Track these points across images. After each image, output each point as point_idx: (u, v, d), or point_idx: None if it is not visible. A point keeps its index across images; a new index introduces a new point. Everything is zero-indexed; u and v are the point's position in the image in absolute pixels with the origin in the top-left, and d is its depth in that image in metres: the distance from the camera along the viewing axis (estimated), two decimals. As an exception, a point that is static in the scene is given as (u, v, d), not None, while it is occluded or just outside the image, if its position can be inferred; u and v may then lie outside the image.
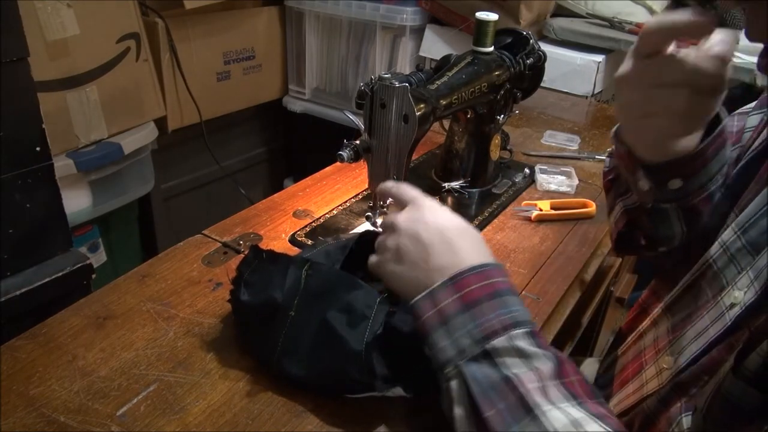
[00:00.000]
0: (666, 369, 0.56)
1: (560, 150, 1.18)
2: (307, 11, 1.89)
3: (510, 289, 0.52)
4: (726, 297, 0.52)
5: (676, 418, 0.50)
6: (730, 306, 0.51)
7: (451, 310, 0.50)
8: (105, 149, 1.42)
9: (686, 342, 0.55)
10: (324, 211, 0.91)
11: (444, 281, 0.51)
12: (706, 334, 0.52)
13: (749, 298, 0.49)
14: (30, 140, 0.94)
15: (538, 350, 0.48)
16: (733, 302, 0.51)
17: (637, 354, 0.63)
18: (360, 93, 0.75)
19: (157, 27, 1.53)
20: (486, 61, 0.90)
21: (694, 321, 0.55)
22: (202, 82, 1.71)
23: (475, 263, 0.52)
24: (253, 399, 0.58)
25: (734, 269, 0.53)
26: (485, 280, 0.51)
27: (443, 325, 0.50)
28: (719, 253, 0.55)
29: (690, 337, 0.54)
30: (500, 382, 0.47)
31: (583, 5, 1.70)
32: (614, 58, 1.61)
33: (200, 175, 1.90)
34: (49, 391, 0.57)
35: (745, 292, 0.50)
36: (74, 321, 0.66)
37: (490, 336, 0.48)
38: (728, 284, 0.53)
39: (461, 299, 0.50)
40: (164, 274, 0.75)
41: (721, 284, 0.53)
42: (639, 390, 0.58)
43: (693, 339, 0.54)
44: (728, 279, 0.53)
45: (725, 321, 0.50)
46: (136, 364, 0.61)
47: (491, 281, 0.51)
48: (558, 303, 0.75)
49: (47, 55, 1.27)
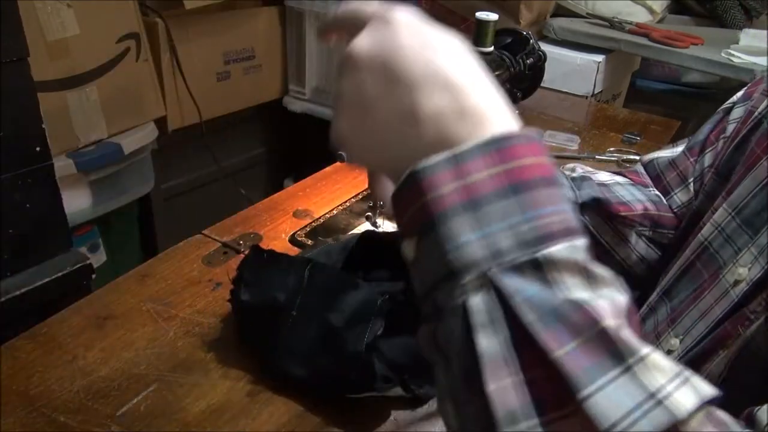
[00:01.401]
0: (672, 351, 0.56)
1: (560, 150, 1.18)
2: (307, 11, 1.89)
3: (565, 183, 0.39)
4: (728, 275, 0.52)
5: None
6: (734, 283, 0.51)
7: (488, 189, 0.31)
8: (105, 149, 1.42)
9: (691, 322, 0.55)
10: (324, 211, 0.91)
11: (484, 142, 0.32)
12: (711, 313, 0.53)
13: (755, 273, 0.50)
14: (30, 140, 0.94)
15: (606, 273, 0.32)
16: (737, 279, 0.51)
17: None
18: (360, 93, 0.74)
19: (157, 27, 1.53)
20: (486, 61, 0.89)
21: (696, 302, 0.55)
22: (202, 82, 1.71)
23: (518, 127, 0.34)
24: (253, 399, 0.58)
25: (730, 248, 0.53)
26: (540, 155, 0.33)
27: (471, 210, 0.31)
28: (714, 234, 0.56)
29: (695, 317, 0.55)
30: (569, 309, 0.29)
31: (583, 5, 1.70)
32: (614, 58, 1.61)
33: (200, 175, 1.90)
34: (49, 391, 0.57)
35: (750, 269, 0.50)
36: (74, 321, 0.66)
37: (547, 239, 0.31)
38: (726, 264, 0.53)
39: (508, 176, 0.31)
40: (164, 274, 0.75)
41: (718, 264, 0.54)
42: None
43: (698, 318, 0.54)
44: (725, 258, 0.54)
45: (731, 298, 0.51)
46: (136, 364, 0.61)
47: (550, 162, 0.33)
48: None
49: (47, 55, 1.26)
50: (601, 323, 0.29)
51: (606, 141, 1.24)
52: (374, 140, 0.36)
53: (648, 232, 0.71)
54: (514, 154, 0.32)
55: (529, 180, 0.31)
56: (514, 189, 0.31)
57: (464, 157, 0.31)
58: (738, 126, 0.64)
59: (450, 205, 0.31)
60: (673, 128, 1.35)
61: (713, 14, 1.84)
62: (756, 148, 0.57)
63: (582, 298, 0.30)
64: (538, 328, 0.29)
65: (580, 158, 1.14)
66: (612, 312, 0.30)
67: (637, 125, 1.34)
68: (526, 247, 0.30)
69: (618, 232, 0.69)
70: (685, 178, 0.71)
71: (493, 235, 0.31)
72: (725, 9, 1.80)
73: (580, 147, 1.19)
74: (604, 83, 1.60)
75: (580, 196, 0.66)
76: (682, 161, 0.72)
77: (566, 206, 0.32)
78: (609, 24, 1.65)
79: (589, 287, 0.31)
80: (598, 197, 0.67)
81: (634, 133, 1.25)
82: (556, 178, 0.33)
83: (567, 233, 0.31)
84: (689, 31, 1.64)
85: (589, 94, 1.58)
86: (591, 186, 0.67)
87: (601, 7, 1.69)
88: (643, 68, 1.99)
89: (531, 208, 0.31)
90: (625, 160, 1.13)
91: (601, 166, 1.11)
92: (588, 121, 1.39)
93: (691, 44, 1.52)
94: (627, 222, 0.69)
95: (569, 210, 0.33)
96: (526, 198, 0.31)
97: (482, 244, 0.30)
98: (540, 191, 0.32)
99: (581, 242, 0.32)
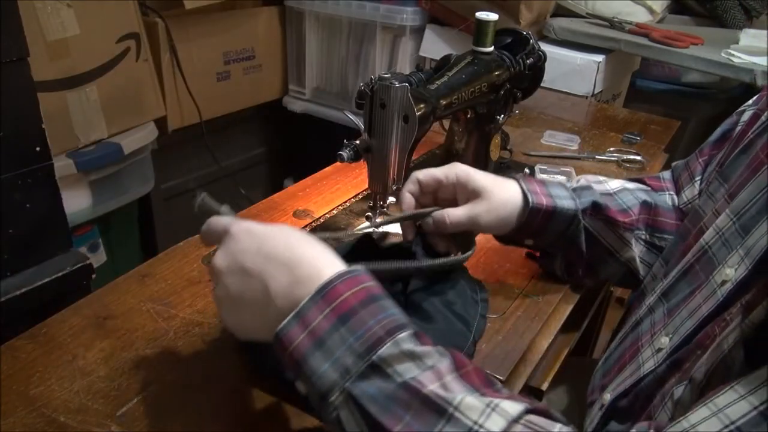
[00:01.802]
0: (662, 349, 0.56)
1: (560, 150, 1.18)
2: (307, 11, 1.89)
3: (383, 293, 0.47)
4: (717, 275, 0.53)
5: (669, 392, 0.51)
6: (721, 283, 0.52)
7: (325, 327, 0.43)
8: (105, 149, 1.42)
9: (681, 321, 0.56)
10: (324, 211, 0.91)
11: (311, 296, 0.44)
12: (698, 312, 0.53)
13: (740, 273, 0.50)
14: (30, 140, 0.94)
15: (428, 348, 0.44)
16: (724, 279, 0.52)
17: (635, 340, 0.64)
18: (360, 93, 0.75)
19: (157, 27, 1.53)
20: (486, 61, 0.90)
21: (688, 302, 0.56)
22: (202, 82, 1.71)
23: (339, 269, 0.46)
24: (253, 399, 0.58)
25: (726, 251, 0.54)
26: (357, 286, 0.45)
27: (319, 348, 0.43)
28: (715, 238, 0.57)
29: (684, 316, 0.56)
30: (399, 391, 0.41)
31: (583, 5, 1.70)
32: (614, 58, 1.61)
33: (200, 175, 1.90)
34: (49, 391, 0.57)
35: (736, 269, 0.51)
36: (74, 321, 0.66)
37: (375, 346, 0.43)
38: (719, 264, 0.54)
39: (335, 312, 0.44)
40: (164, 274, 0.75)
41: (713, 265, 0.55)
42: (636, 372, 0.59)
43: (687, 317, 0.55)
44: (719, 259, 0.55)
45: (717, 298, 0.52)
46: (136, 364, 0.61)
47: (363, 286, 0.46)
48: (558, 303, 0.75)
49: (47, 55, 1.27)
50: (423, 391, 0.41)
51: (606, 141, 1.24)
52: (250, 320, 0.48)
53: (645, 236, 0.74)
54: (336, 295, 0.44)
55: (350, 309, 0.44)
56: (341, 320, 0.44)
57: (303, 312, 0.44)
58: (744, 128, 0.65)
59: (305, 350, 0.43)
60: (673, 128, 1.35)
61: (713, 14, 1.84)
62: (760, 153, 0.57)
63: (411, 377, 0.42)
64: (380, 415, 0.41)
65: (580, 158, 1.15)
66: (435, 376, 0.42)
67: (637, 125, 1.34)
68: (362, 357, 0.42)
69: (620, 236, 0.73)
70: (693, 176, 0.74)
71: (339, 359, 0.43)
72: (725, 9, 1.80)
73: (580, 147, 1.19)
74: (604, 83, 1.60)
75: (581, 203, 0.71)
76: (693, 161, 0.75)
77: (386, 312, 0.44)
78: (609, 24, 1.65)
79: (416, 366, 0.42)
80: (596, 201, 0.71)
81: (634, 133, 1.25)
82: (373, 295, 0.45)
83: (390, 333, 0.43)
84: (689, 31, 1.64)
85: (589, 94, 1.58)
86: (592, 194, 0.72)
87: (601, 7, 1.69)
88: (643, 68, 1.99)
89: (358, 328, 0.43)
90: (625, 160, 1.13)
91: (601, 166, 1.12)
92: (588, 121, 1.39)
93: (691, 44, 1.52)
94: (626, 226, 0.72)
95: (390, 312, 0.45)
96: (352, 323, 0.43)
97: (334, 368, 0.43)
98: (361, 313, 0.44)
99: (405, 333, 0.43)
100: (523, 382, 0.64)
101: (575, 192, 0.73)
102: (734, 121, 0.70)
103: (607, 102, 1.71)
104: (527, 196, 0.68)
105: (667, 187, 0.79)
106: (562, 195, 0.71)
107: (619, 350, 0.67)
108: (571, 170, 1.06)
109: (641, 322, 0.64)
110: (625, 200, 0.74)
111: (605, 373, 0.67)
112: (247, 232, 0.49)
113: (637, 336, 0.64)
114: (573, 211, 0.70)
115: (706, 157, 0.73)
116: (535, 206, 0.68)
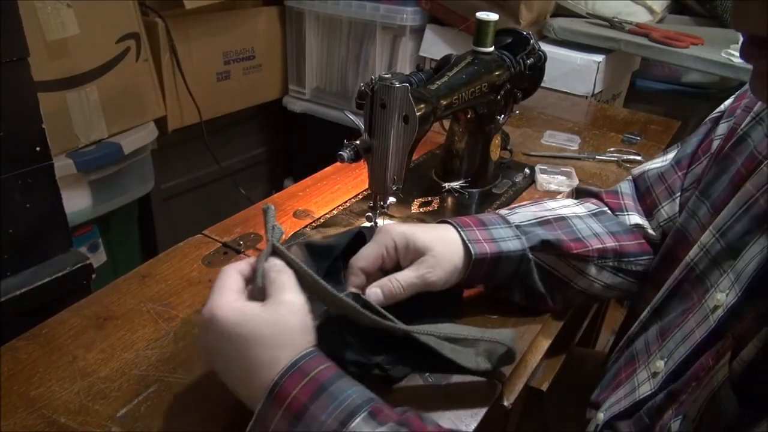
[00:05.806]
0: (657, 373, 0.56)
1: (560, 150, 1.18)
2: (307, 11, 1.89)
3: (335, 373, 0.47)
4: (710, 299, 0.53)
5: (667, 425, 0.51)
6: (713, 308, 0.52)
7: (284, 429, 0.45)
8: (105, 149, 1.42)
9: (674, 345, 0.55)
10: (324, 211, 0.91)
11: (264, 399, 0.46)
12: (692, 337, 0.53)
13: (731, 299, 0.50)
14: (30, 140, 0.94)
15: (383, 428, 0.45)
16: (716, 304, 0.52)
17: (630, 359, 0.64)
18: (360, 93, 0.75)
19: (157, 27, 1.53)
20: (486, 61, 0.90)
21: (681, 324, 0.56)
22: (202, 82, 1.71)
23: (285, 362, 0.47)
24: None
25: (717, 272, 0.54)
26: (304, 378, 0.46)
27: (296, 421, 0.45)
28: (700, 255, 0.56)
29: (678, 340, 0.55)
30: None
31: (583, 5, 1.70)
32: (614, 58, 1.61)
33: (200, 175, 1.90)
34: (49, 391, 0.57)
35: (727, 294, 0.51)
36: (74, 321, 0.66)
37: (348, 418, 0.44)
38: (712, 286, 0.54)
39: (288, 412, 0.45)
40: (164, 275, 0.75)
41: (706, 287, 0.55)
42: (631, 394, 0.59)
43: (681, 342, 0.55)
44: (712, 281, 0.54)
45: (710, 323, 0.51)
46: (136, 364, 0.61)
47: (311, 375, 0.46)
48: (558, 303, 0.75)
49: (47, 55, 1.27)
50: None
51: (606, 141, 1.24)
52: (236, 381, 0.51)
53: (612, 263, 0.71)
54: (285, 394, 0.46)
55: (301, 407, 0.45)
56: (296, 418, 0.45)
57: (261, 417, 0.46)
58: (721, 143, 0.64)
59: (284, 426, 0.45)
60: (673, 128, 1.35)
61: (713, 14, 1.84)
62: (742, 169, 0.57)
63: None
64: None
65: (580, 158, 1.15)
66: None
67: (637, 125, 1.34)
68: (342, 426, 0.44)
69: (574, 267, 0.69)
70: (673, 192, 0.71)
71: None
72: (725, 9, 1.80)
73: (580, 147, 1.19)
74: (604, 83, 1.60)
75: (527, 240, 0.67)
76: (670, 174, 0.72)
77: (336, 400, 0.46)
78: (609, 24, 1.65)
79: None
80: (547, 240, 0.67)
81: (634, 133, 1.25)
82: (322, 384, 0.46)
83: (343, 424, 0.44)
84: (689, 31, 1.64)
85: (589, 94, 1.58)
86: (542, 230, 0.68)
87: (601, 7, 1.69)
88: (643, 68, 1.99)
89: (312, 424, 0.45)
90: (625, 160, 1.13)
91: (601, 166, 1.12)
92: (588, 121, 1.39)
93: (690, 44, 1.52)
94: (581, 257, 0.68)
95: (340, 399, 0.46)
96: (305, 420, 0.45)
97: None
98: (311, 409, 0.45)
99: (359, 419, 0.45)
100: (523, 382, 0.64)
101: (520, 229, 0.68)
102: (707, 130, 0.69)
103: (607, 102, 1.71)
104: (468, 246, 0.64)
105: (626, 205, 0.75)
106: (507, 236, 0.67)
107: (615, 367, 0.66)
108: (571, 170, 1.06)
109: (635, 339, 0.64)
110: (580, 228, 0.71)
111: (602, 389, 0.67)
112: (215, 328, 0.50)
113: (632, 354, 0.64)
114: (520, 251, 0.66)
115: (685, 170, 0.70)
116: (479, 257, 0.63)
